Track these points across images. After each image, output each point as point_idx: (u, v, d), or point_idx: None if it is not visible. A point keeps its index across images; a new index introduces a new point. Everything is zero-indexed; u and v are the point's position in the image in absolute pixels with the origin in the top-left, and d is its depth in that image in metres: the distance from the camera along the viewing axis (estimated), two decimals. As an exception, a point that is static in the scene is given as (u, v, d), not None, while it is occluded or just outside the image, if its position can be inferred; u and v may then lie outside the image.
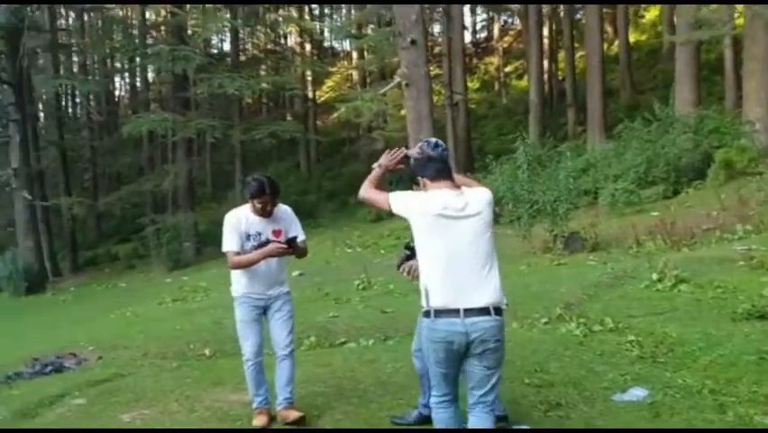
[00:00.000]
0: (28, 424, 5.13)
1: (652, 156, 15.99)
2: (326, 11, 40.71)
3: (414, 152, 4.02)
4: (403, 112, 24.81)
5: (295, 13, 31.13)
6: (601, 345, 6.06)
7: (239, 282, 4.81)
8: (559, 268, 10.87)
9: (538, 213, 12.49)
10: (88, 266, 28.34)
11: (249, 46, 34.28)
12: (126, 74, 39.53)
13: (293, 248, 4.67)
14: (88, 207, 28.45)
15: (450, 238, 3.42)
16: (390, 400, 4.96)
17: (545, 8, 29.36)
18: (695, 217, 12.40)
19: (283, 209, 4.84)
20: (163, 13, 28.04)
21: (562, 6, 29.35)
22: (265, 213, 4.68)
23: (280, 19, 29.71)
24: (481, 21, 43.56)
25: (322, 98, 37.91)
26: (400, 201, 3.62)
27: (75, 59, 35.44)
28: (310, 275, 14.61)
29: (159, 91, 28.39)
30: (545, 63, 29.95)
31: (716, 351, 5.42)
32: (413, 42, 14.20)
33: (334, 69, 35.71)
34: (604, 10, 25.53)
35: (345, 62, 40.17)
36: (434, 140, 4.51)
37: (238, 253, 4.67)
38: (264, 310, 4.83)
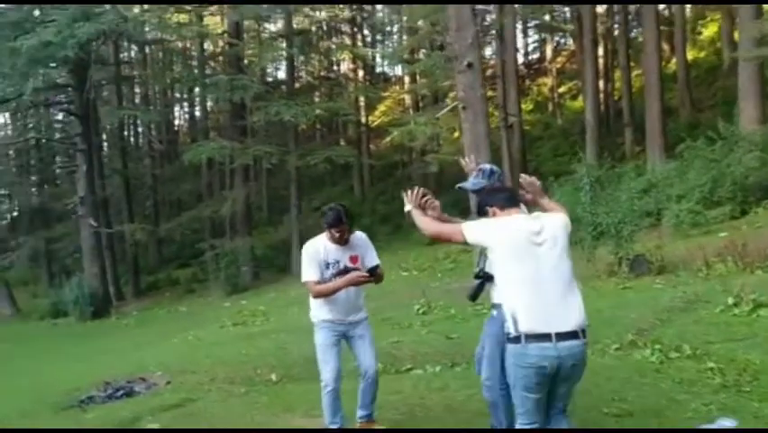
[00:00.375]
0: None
1: (717, 175, 15.56)
2: (378, 37, 41.17)
3: (469, 183, 4.44)
4: (456, 134, 24.89)
5: (348, 41, 31.55)
6: (680, 372, 5.85)
7: (320, 309, 4.89)
8: (625, 292, 10.61)
9: (601, 235, 12.23)
10: (150, 290, 29.02)
11: (302, 74, 34.85)
12: (185, 104, 40.58)
13: (374, 276, 4.78)
14: (150, 232, 29.15)
15: (533, 263, 3.45)
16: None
17: (600, 27, 29.06)
18: (767, 239, 11.97)
19: (358, 236, 4.96)
20: (221, 43, 28.81)
21: (617, 25, 29.04)
22: (342, 241, 4.77)
23: (333, 47, 30.13)
24: (533, 42, 43.33)
25: (374, 123, 38.18)
26: (477, 232, 3.63)
27: (137, 90, 36.64)
28: (366, 299, 14.60)
29: (217, 120, 29.04)
30: (601, 83, 29.59)
31: (805, 380, 5.19)
32: (469, 66, 14.14)
33: (387, 94, 35.94)
34: (661, 27, 25.09)
35: (397, 87, 40.40)
36: (488, 167, 4.60)
37: (318, 283, 4.75)
38: (344, 336, 4.92)
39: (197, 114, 40.04)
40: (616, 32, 29.92)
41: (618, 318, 8.31)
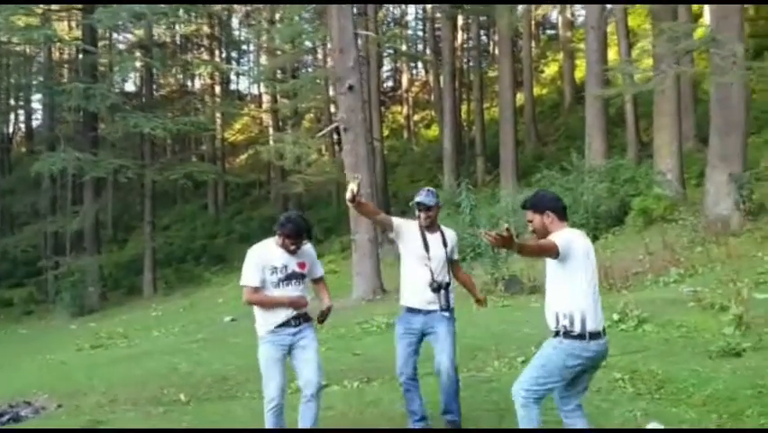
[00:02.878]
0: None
1: (571, 203, 16.71)
2: (234, 54, 40.51)
3: (428, 199, 5.06)
4: (325, 156, 25.01)
5: (207, 56, 30.76)
6: (593, 383, 6.16)
7: (265, 320, 4.75)
8: (506, 309, 11.10)
9: (479, 255, 12.77)
10: (-25, 312, 26.31)
11: (155, 86, 33.50)
12: (21, 112, 37.60)
13: (323, 320, 4.97)
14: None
15: (591, 273, 4.10)
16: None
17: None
18: (622, 262, 13.02)
19: (307, 247, 4.90)
20: (67, 50, 27.08)
21: (471, 60, 30.62)
22: (293, 252, 4.73)
23: (193, 60, 29.27)
24: (387, 71, 44.52)
25: (232, 140, 37.52)
26: (565, 243, 4.00)
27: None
28: (244, 320, 14.22)
29: (61, 130, 27.09)
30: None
31: (710, 386, 5.68)
32: (350, 88, 14.34)
33: (245, 112, 35.43)
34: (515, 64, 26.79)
35: (253, 105, 39.95)
36: (431, 189, 5.16)
37: (257, 289, 4.68)
38: (289, 348, 4.76)
39: (35, 123, 37.27)
40: (470, 65, 31.46)
41: (512, 333, 8.71)
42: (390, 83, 43.99)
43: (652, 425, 5.03)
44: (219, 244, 29.08)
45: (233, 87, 41.07)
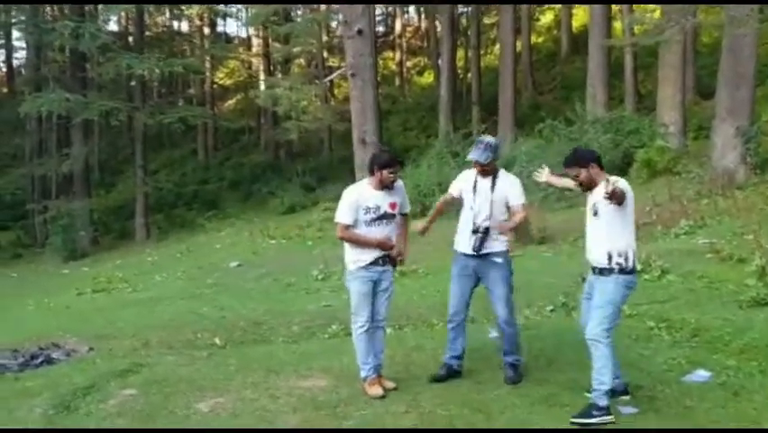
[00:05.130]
0: (76, 418, 4.70)
1: (575, 154, 16.73)
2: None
3: (481, 157, 5.07)
4: (317, 103, 24.65)
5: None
6: (629, 331, 6.29)
7: (356, 255, 5.01)
8: (520, 260, 11.15)
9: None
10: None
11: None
12: (1, 51, 36.52)
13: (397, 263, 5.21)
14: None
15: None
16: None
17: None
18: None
19: (398, 182, 5.09)
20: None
21: (468, 7, 30.14)
22: (391, 184, 4.96)
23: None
24: (379, 15, 43.71)
25: (217, 85, 36.84)
26: (627, 189, 4.43)
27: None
28: (250, 266, 14.24)
29: (49, 70, 26.31)
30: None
31: (746, 335, 5.78)
32: (360, 32, 14.04)
33: (235, 55, 34.70)
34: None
35: (241, 49, 39.12)
36: (492, 141, 5.22)
37: (349, 227, 4.94)
38: (374, 283, 5.03)
39: (16, 63, 36.23)
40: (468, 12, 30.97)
41: (534, 283, 8.75)
42: (382, 28, 43.21)
43: (699, 373, 5.13)
44: (210, 190, 28.81)
45: (220, 29, 40.14)
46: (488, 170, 5.09)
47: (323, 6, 26.17)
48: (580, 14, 31.26)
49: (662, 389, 4.85)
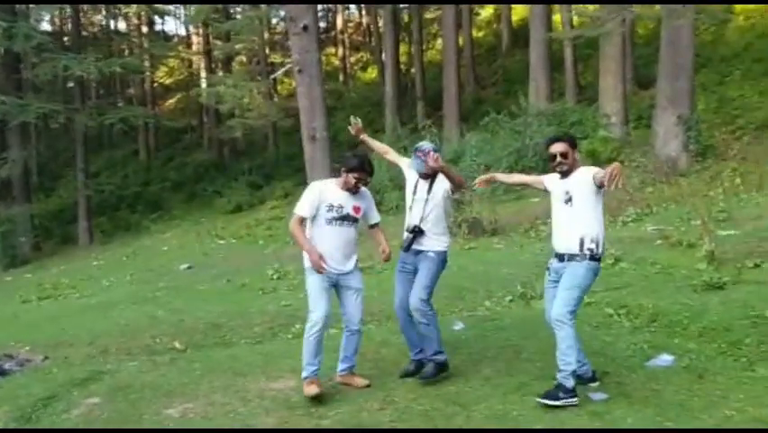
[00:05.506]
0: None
1: (521, 146, 17.00)
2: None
3: (423, 168, 5.09)
4: (259, 100, 24.29)
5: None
6: (589, 318, 6.40)
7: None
8: (473, 252, 11.28)
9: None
10: None
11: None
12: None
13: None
14: None
15: None
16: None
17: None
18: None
19: (365, 190, 5.07)
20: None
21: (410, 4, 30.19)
22: (355, 188, 4.91)
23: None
24: (320, 11, 43.45)
25: (157, 84, 36.04)
26: None
27: None
28: (201, 268, 13.99)
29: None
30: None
31: (704, 318, 5.95)
32: (305, 28, 13.96)
33: (176, 54, 33.95)
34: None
35: (180, 47, 38.35)
36: (429, 147, 5.12)
37: (303, 220, 4.88)
38: (336, 284, 4.96)
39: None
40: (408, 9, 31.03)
41: (492, 274, 8.88)
42: (323, 24, 42.96)
43: (662, 357, 5.25)
44: (154, 192, 28.17)
45: (158, 28, 39.29)
46: (429, 174, 5.10)
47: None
48: (519, 8, 31.69)
49: (628, 374, 4.96)
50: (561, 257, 4.69)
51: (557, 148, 4.67)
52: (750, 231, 8.82)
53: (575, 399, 4.41)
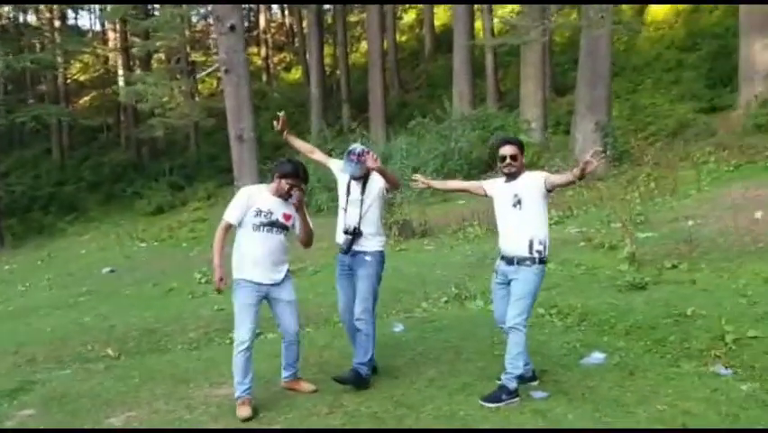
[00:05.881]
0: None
1: (447, 150, 17.30)
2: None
3: (356, 171, 4.99)
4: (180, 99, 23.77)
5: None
6: (524, 319, 6.62)
7: (241, 267, 4.76)
8: (404, 253, 11.42)
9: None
10: None
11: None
12: None
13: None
14: None
15: None
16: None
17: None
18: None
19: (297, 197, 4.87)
20: None
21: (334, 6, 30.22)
22: (286, 195, 4.75)
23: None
24: (243, 10, 42.85)
25: (71, 80, 34.71)
26: None
27: None
28: (123, 271, 13.62)
29: None
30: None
31: (630, 317, 6.26)
32: (232, 28, 13.79)
33: (91, 50, 32.75)
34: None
35: (95, 43, 37.05)
36: (358, 149, 5.01)
37: (230, 227, 4.74)
38: (266, 297, 4.82)
39: None
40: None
41: (426, 276, 9.03)
42: (246, 23, 42.39)
43: (595, 355, 5.50)
44: (69, 192, 27.13)
45: (71, 22, 37.83)
46: (360, 176, 5.09)
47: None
48: (441, 14, 32.22)
49: (564, 372, 5.17)
50: (510, 260, 4.75)
51: (508, 150, 4.77)
52: (667, 233, 9.27)
53: (517, 399, 4.58)
